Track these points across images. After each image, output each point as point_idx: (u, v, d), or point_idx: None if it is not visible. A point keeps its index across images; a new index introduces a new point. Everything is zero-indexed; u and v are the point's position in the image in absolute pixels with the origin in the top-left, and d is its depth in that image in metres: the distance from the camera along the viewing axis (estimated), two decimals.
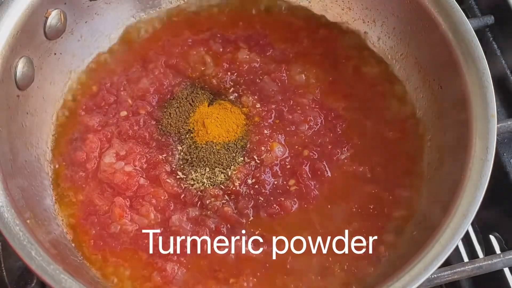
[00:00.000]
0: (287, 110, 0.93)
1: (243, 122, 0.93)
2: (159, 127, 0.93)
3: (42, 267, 0.70)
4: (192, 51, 0.99)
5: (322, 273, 0.82)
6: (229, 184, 0.87)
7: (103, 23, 0.99)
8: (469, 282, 0.95)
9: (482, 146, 0.76)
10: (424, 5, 0.87)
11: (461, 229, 0.72)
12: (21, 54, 0.85)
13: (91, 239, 0.85)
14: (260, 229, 0.84)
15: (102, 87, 0.97)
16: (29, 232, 0.73)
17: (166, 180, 0.87)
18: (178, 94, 0.96)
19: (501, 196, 0.93)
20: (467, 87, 0.81)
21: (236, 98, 0.95)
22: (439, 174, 0.85)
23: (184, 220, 0.85)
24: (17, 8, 0.84)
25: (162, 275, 0.81)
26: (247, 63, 0.98)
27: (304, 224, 0.85)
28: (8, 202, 0.74)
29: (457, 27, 0.84)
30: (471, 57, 0.82)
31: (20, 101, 0.86)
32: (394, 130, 0.92)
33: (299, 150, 0.90)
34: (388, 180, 0.88)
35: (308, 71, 0.97)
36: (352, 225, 0.85)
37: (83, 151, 0.91)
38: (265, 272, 0.82)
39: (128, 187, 0.87)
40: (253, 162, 0.89)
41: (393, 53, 0.98)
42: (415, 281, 0.69)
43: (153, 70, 0.97)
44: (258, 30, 1.02)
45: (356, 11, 1.01)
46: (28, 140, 0.88)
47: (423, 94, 0.93)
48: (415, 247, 0.74)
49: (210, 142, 0.90)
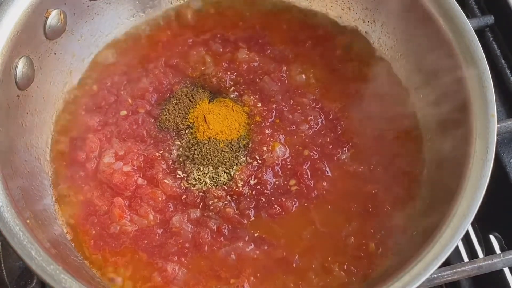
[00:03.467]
0: (288, 109, 0.93)
1: (245, 120, 0.93)
2: (157, 124, 0.93)
3: (42, 267, 0.70)
4: (192, 51, 0.99)
5: (322, 273, 0.82)
6: (232, 185, 0.87)
7: (103, 23, 0.99)
8: (469, 282, 0.95)
9: (482, 146, 0.76)
10: (424, 5, 0.87)
11: (461, 229, 0.72)
12: (21, 54, 0.84)
13: (91, 239, 0.85)
14: (261, 230, 0.84)
15: (103, 87, 0.97)
16: (29, 232, 0.73)
17: (164, 180, 0.87)
18: (178, 91, 0.96)
19: (501, 196, 0.93)
20: (467, 87, 0.81)
21: (237, 97, 0.95)
22: (439, 174, 0.85)
23: (185, 221, 0.85)
24: (17, 8, 0.84)
25: (162, 275, 0.81)
26: (247, 63, 0.98)
27: (304, 224, 0.85)
28: (8, 202, 0.74)
29: (457, 27, 0.84)
30: (471, 57, 0.82)
31: (20, 101, 0.86)
32: (394, 130, 0.92)
33: (299, 150, 0.90)
34: (388, 180, 0.88)
35: (308, 71, 0.97)
36: (352, 225, 0.85)
37: (83, 151, 0.91)
38: (265, 272, 0.82)
39: (126, 187, 0.87)
40: (255, 162, 0.89)
41: (393, 53, 0.98)
42: (415, 281, 0.69)
43: (153, 70, 0.98)
44: (258, 30, 1.02)
45: (356, 11, 1.01)
46: (28, 140, 0.88)
47: (423, 94, 0.93)
48: (415, 247, 0.74)
49: (213, 138, 0.90)
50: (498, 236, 1.00)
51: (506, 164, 0.96)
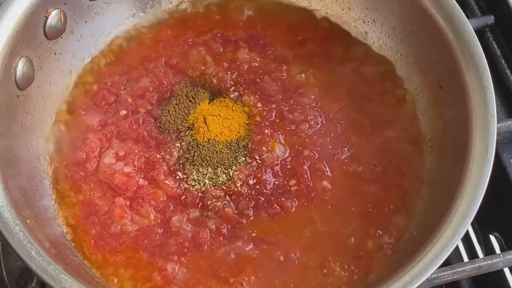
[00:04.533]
0: (288, 109, 0.93)
1: (245, 121, 0.93)
2: (158, 125, 0.93)
3: (42, 267, 0.70)
4: (192, 50, 0.99)
5: (322, 273, 0.82)
6: (231, 185, 0.87)
7: (103, 23, 0.99)
8: (469, 282, 0.95)
9: (482, 146, 0.76)
10: (424, 5, 0.87)
11: (461, 229, 0.72)
12: (21, 54, 0.84)
13: (92, 239, 0.85)
14: (260, 229, 0.84)
15: (103, 87, 0.97)
16: (29, 232, 0.73)
17: (164, 181, 0.87)
18: (178, 91, 0.96)
19: (501, 196, 0.93)
20: (467, 87, 0.81)
21: (237, 97, 0.95)
22: (439, 174, 0.85)
23: (185, 221, 0.85)
24: (17, 8, 0.84)
25: (162, 275, 0.81)
26: (247, 63, 0.98)
27: (304, 223, 0.85)
28: (8, 202, 0.74)
29: (457, 27, 0.84)
30: (471, 57, 0.82)
31: (20, 101, 0.86)
32: (394, 130, 0.92)
33: (299, 150, 0.90)
34: (388, 180, 0.88)
35: (308, 70, 0.97)
36: (352, 224, 0.85)
37: (83, 151, 0.91)
38: (265, 271, 0.82)
39: (127, 187, 0.87)
40: (255, 162, 0.89)
41: (393, 53, 0.98)
42: (415, 281, 0.69)
43: (154, 70, 0.98)
44: (258, 30, 1.02)
45: (356, 11, 1.01)
46: (28, 140, 0.88)
47: (423, 94, 0.93)
48: (415, 247, 0.74)
49: (212, 140, 0.90)
50: (498, 236, 1.00)
51: (506, 164, 0.96)
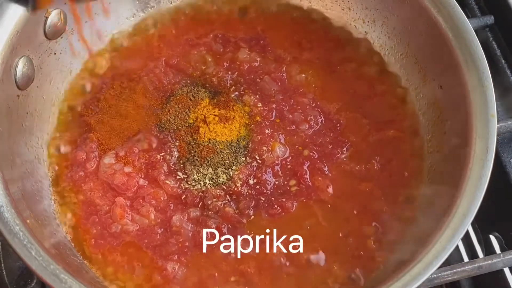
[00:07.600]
0: (288, 109, 0.93)
1: (246, 121, 0.92)
2: (158, 124, 0.93)
3: (42, 267, 0.70)
4: (193, 50, 0.99)
5: (322, 273, 0.82)
6: (231, 185, 0.87)
7: (103, 23, 0.99)
8: (469, 282, 0.95)
9: (482, 146, 0.76)
10: (424, 5, 0.87)
11: (461, 229, 0.72)
12: (21, 54, 0.84)
13: (92, 238, 0.85)
14: (261, 229, 0.84)
15: (103, 86, 0.97)
16: (29, 232, 0.73)
17: (165, 181, 0.87)
18: (178, 91, 0.96)
19: (501, 196, 0.93)
20: (467, 87, 0.81)
21: (238, 97, 0.95)
22: (439, 174, 0.85)
23: (185, 220, 0.85)
24: (17, 8, 0.84)
25: (162, 274, 0.81)
26: (248, 63, 0.98)
27: (304, 223, 0.85)
28: (8, 202, 0.74)
29: (457, 27, 0.84)
30: (471, 57, 0.82)
31: (20, 101, 0.86)
32: (394, 130, 0.92)
33: (299, 150, 0.90)
34: (387, 180, 0.88)
35: (308, 70, 0.97)
36: (352, 224, 0.85)
37: (83, 151, 0.91)
38: (265, 271, 0.82)
39: (128, 187, 0.87)
40: (255, 162, 0.89)
41: (393, 53, 0.98)
42: (415, 281, 0.69)
43: (154, 69, 0.98)
44: (258, 30, 1.02)
45: (356, 11, 1.01)
46: (28, 140, 0.88)
47: (423, 94, 0.93)
48: (415, 246, 0.74)
49: (213, 140, 0.90)
50: (498, 236, 1.00)
51: (506, 164, 0.96)
